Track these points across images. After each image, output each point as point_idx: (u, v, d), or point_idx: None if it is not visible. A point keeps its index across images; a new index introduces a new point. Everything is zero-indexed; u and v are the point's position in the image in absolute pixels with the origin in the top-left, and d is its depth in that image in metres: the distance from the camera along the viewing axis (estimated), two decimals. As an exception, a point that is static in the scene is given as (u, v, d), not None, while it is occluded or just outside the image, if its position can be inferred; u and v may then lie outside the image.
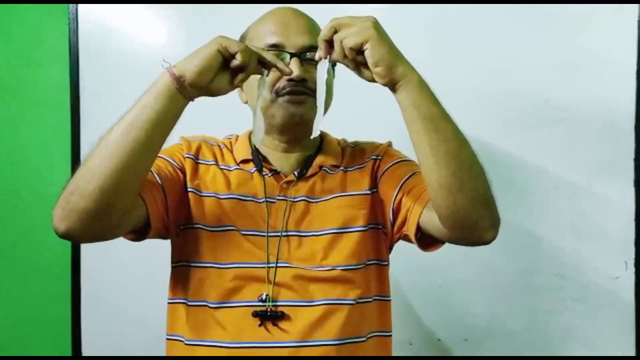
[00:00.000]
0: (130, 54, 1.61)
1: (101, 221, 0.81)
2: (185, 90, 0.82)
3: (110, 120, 0.88)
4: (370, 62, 0.80)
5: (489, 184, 0.84)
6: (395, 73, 0.80)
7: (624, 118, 1.44)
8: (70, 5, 1.61)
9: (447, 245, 1.42)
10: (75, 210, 0.79)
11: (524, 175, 1.48)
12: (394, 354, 1.06)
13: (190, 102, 0.85)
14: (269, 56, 0.87)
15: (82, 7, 1.61)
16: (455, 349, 1.50)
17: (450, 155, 0.81)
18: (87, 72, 1.61)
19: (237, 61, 0.83)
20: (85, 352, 1.60)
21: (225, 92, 0.87)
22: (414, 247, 1.37)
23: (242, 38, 1.02)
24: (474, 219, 0.83)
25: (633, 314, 1.44)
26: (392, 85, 0.82)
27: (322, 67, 0.86)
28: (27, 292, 1.65)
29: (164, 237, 1.00)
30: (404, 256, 1.12)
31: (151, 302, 1.52)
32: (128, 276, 1.59)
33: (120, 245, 1.54)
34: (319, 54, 0.86)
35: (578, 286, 1.46)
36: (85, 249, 1.60)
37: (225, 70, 0.85)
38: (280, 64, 0.88)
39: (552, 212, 1.47)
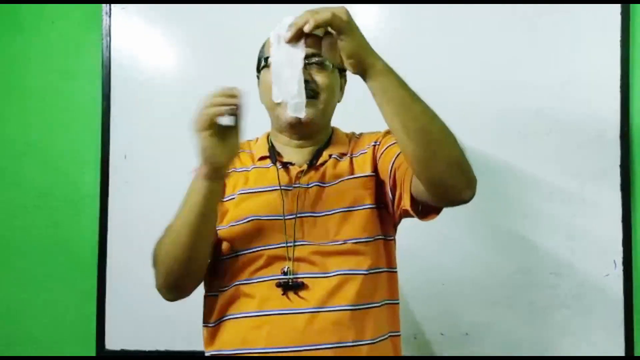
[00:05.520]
0: (158, 70, 1.73)
1: (194, 281, 1.06)
2: (214, 172, 0.95)
3: (138, 131, 0.96)
4: (343, 54, 0.89)
5: (461, 150, 0.91)
6: (364, 64, 0.89)
7: (610, 128, 1.57)
8: (104, 22, 1.73)
9: (449, 247, 1.56)
10: (173, 284, 1.04)
11: (520, 182, 1.59)
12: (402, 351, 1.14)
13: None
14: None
15: (115, 25, 1.73)
16: (457, 343, 1.59)
17: (420, 131, 0.89)
18: (118, 85, 1.72)
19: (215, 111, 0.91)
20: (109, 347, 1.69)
21: (237, 145, 0.97)
22: (419, 250, 1.50)
23: (263, 46, 1.14)
24: (450, 183, 0.91)
25: (622, 309, 1.54)
26: (362, 74, 0.90)
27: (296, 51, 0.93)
28: (56, 288, 1.74)
29: None
30: (410, 258, 1.20)
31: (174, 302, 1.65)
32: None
33: (146, 244, 1.66)
34: (288, 36, 0.91)
35: (572, 284, 1.56)
36: (111, 247, 1.71)
37: (221, 138, 0.94)
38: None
39: (546, 215, 1.58)
